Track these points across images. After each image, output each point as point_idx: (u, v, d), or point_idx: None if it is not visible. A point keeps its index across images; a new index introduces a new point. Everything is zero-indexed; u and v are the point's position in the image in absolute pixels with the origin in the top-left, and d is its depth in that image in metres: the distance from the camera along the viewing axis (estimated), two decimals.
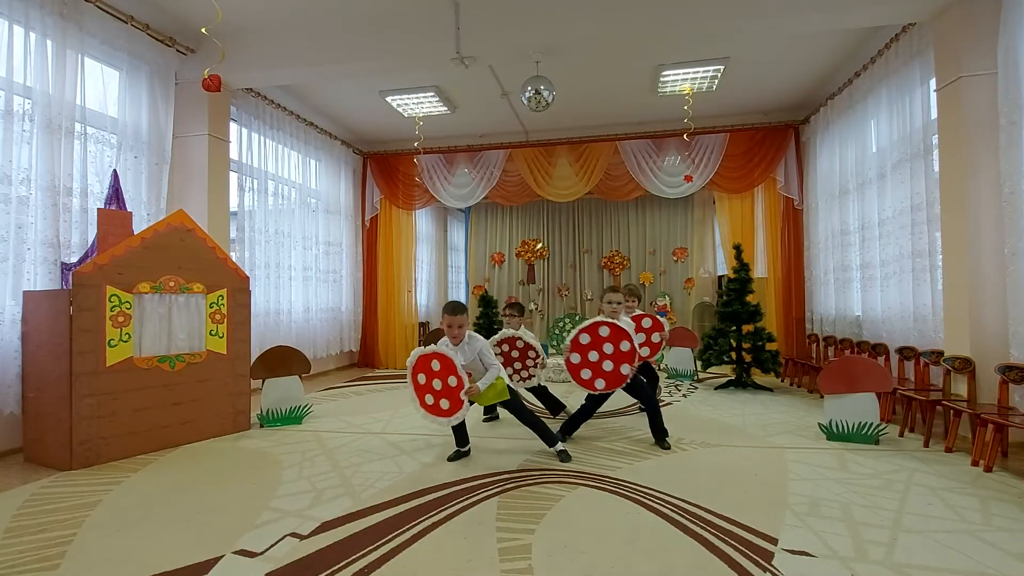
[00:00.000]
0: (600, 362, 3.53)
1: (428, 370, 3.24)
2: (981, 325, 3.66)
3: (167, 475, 3.08)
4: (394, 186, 7.87)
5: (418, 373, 3.28)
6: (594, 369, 3.55)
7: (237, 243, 5.53)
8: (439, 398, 3.23)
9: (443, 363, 3.19)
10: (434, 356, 3.21)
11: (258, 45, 4.91)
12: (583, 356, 3.55)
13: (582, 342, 3.53)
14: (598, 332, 3.52)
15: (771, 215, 6.96)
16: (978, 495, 2.68)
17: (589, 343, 3.53)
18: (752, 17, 4.19)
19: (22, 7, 3.57)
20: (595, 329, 3.53)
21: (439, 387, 3.22)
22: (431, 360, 3.23)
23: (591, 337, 3.53)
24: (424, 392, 3.28)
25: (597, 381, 3.55)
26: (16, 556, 2.12)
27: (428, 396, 3.28)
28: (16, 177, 3.52)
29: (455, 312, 3.26)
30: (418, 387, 3.30)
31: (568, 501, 2.62)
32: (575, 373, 3.57)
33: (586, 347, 3.54)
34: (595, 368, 3.54)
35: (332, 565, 2.02)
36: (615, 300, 3.66)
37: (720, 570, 1.96)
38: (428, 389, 3.26)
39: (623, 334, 3.49)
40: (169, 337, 3.69)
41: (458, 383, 3.16)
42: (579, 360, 3.55)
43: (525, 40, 4.56)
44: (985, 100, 3.64)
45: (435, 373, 3.22)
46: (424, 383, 3.27)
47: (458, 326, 3.27)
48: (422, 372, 3.27)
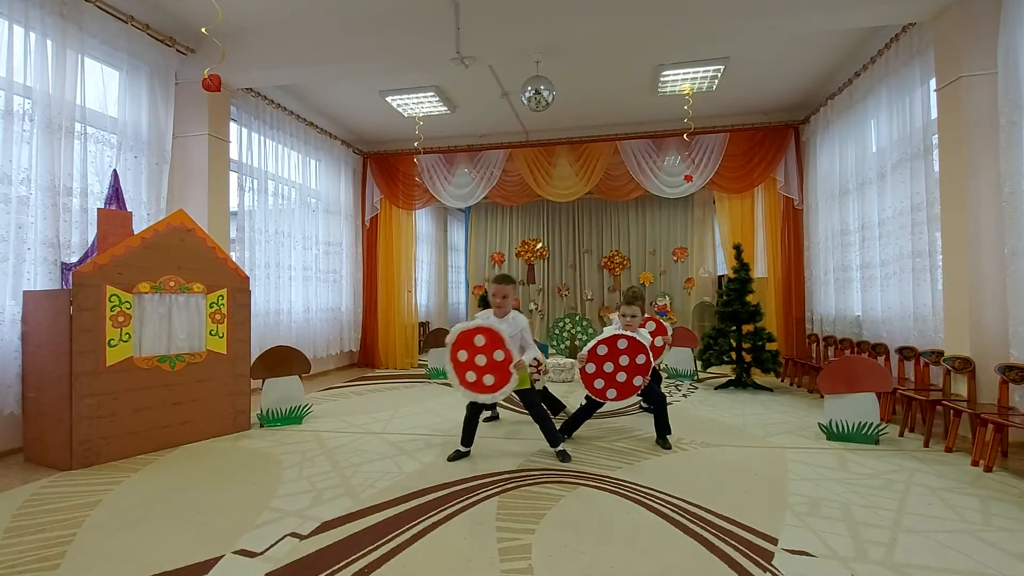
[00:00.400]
0: (614, 373, 3.51)
1: (470, 346, 3.18)
2: (981, 325, 3.66)
3: (167, 475, 3.08)
4: (394, 186, 7.87)
5: (458, 350, 3.21)
6: (607, 380, 3.53)
7: (237, 243, 5.53)
8: (483, 374, 3.17)
9: (489, 337, 3.14)
10: (478, 331, 3.16)
11: (258, 45, 4.91)
12: (598, 367, 3.52)
13: (599, 353, 3.50)
14: (616, 345, 3.49)
15: (771, 215, 6.96)
16: (978, 495, 2.68)
17: (606, 354, 3.51)
18: (752, 17, 4.19)
19: (22, 7, 3.57)
20: (614, 342, 3.50)
21: (483, 362, 3.15)
22: (474, 336, 3.17)
23: (608, 348, 3.50)
24: (464, 369, 3.20)
25: (609, 391, 3.54)
26: (16, 556, 2.12)
27: (469, 373, 3.19)
28: (16, 177, 3.52)
29: (501, 281, 3.26)
30: (458, 365, 3.23)
31: (568, 501, 2.62)
32: (588, 382, 3.54)
33: (603, 358, 3.51)
34: (608, 379, 3.53)
35: (332, 565, 2.02)
36: (630, 314, 3.64)
37: (720, 570, 1.96)
38: (469, 366, 3.19)
39: (641, 347, 3.47)
40: (169, 337, 3.69)
41: (506, 357, 3.11)
42: (594, 370, 3.52)
43: (525, 40, 4.56)
44: (985, 100, 3.64)
45: (479, 348, 3.16)
46: (465, 360, 3.19)
47: (503, 296, 3.26)
48: (463, 349, 3.20)
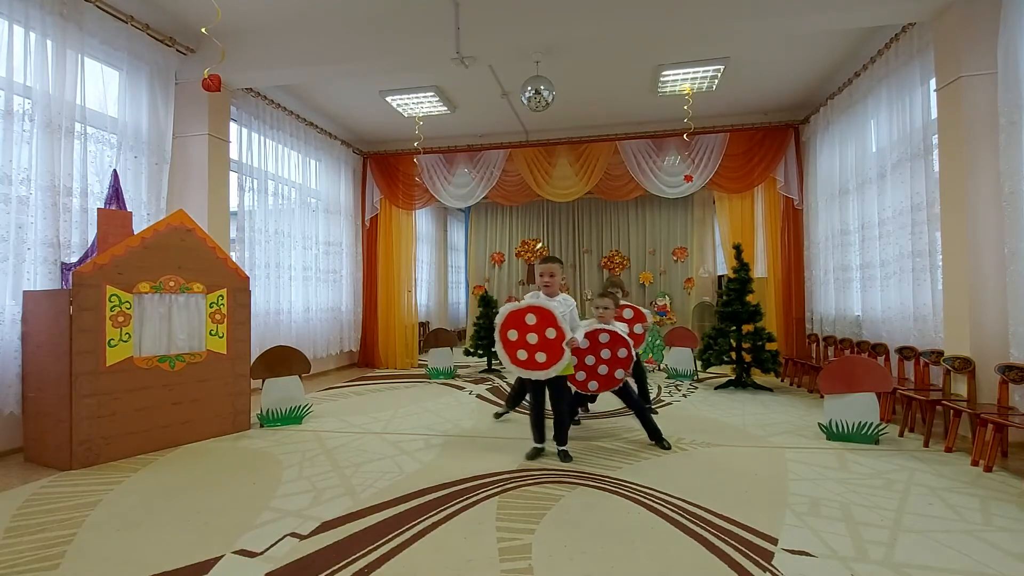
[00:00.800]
0: (596, 366, 3.60)
1: (521, 325, 3.23)
2: (981, 325, 3.66)
3: (167, 475, 3.08)
4: (394, 186, 7.87)
5: (508, 330, 3.27)
6: (589, 372, 3.62)
7: (237, 243, 5.53)
8: (534, 352, 3.22)
9: (540, 315, 3.19)
10: (529, 310, 3.21)
11: (258, 45, 4.91)
12: (580, 360, 3.60)
13: (581, 347, 3.56)
14: (598, 339, 3.58)
15: (771, 215, 6.96)
16: (978, 495, 2.68)
17: (587, 348, 3.59)
18: (752, 17, 4.19)
19: (22, 7, 3.57)
20: (595, 336, 3.58)
21: (534, 340, 3.21)
22: (525, 315, 3.22)
23: (590, 342, 3.58)
24: (516, 348, 3.27)
25: (591, 383, 3.63)
26: (16, 556, 2.12)
27: (520, 352, 3.26)
28: (16, 177, 3.52)
29: (548, 261, 3.38)
30: (508, 344, 3.28)
31: (568, 501, 2.62)
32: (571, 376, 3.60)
33: (584, 352, 3.59)
34: (590, 371, 3.61)
35: (332, 565, 2.02)
36: (602, 306, 3.73)
37: (720, 570, 1.96)
38: (521, 344, 3.25)
39: (622, 342, 3.55)
40: (169, 337, 3.69)
41: (558, 334, 3.16)
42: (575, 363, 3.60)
43: (525, 40, 4.56)
44: (985, 100, 3.64)
45: (530, 327, 3.22)
46: (516, 339, 3.25)
47: (550, 275, 3.36)
48: (513, 328, 3.26)
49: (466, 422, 4.35)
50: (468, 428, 4.15)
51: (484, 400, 5.27)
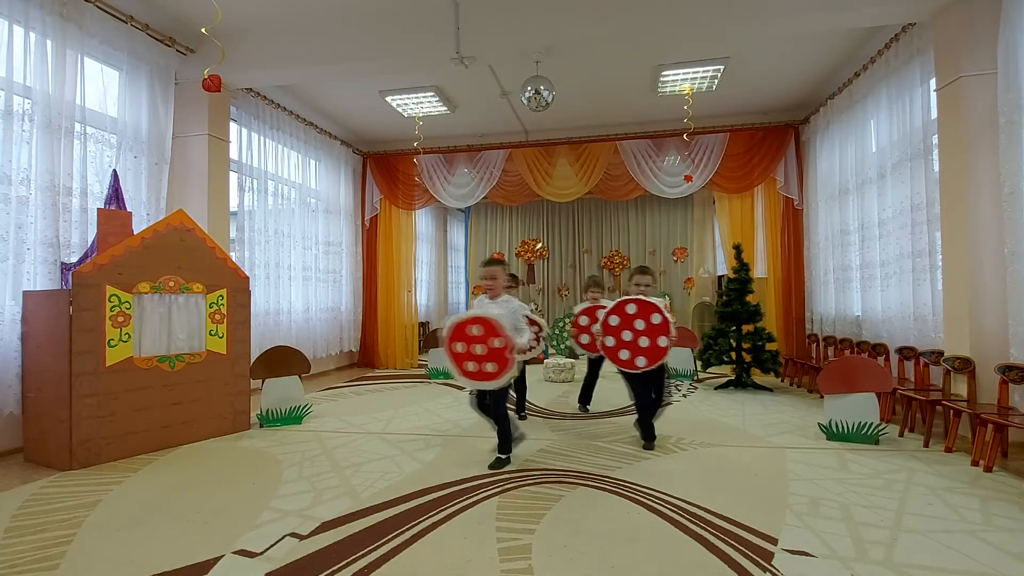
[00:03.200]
0: (635, 339, 3.49)
1: (466, 337, 3.15)
2: (981, 325, 3.66)
3: (167, 475, 3.08)
4: (394, 186, 7.87)
5: (454, 342, 3.20)
6: (632, 348, 3.49)
7: (237, 243, 5.53)
8: (483, 362, 3.15)
9: (484, 326, 3.12)
10: (473, 321, 3.14)
11: (258, 45, 4.91)
12: (617, 337, 3.50)
13: (612, 324, 3.48)
14: (625, 311, 3.48)
15: (771, 215, 6.96)
16: (978, 495, 2.68)
17: (619, 324, 3.49)
18: (752, 17, 4.19)
19: (22, 7, 3.57)
20: (622, 309, 3.48)
21: (481, 351, 3.14)
22: (468, 326, 3.15)
23: (620, 318, 3.49)
24: (464, 360, 3.18)
25: (638, 359, 3.48)
26: (16, 556, 2.12)
27: (469, 363, 3.17)
28: (16, 177, 3.52)
29: (488, 264, 3.36)
30: (456, 356, 3.21)
31: (568, 501, 2.62)
32: (613, 356, 3.52)
33: (617, 328, 3.50)
34: (632, 347, 3.49)
35: (332, 565, 2.02)
36: (643, 283, 3.65)
37: (720, 570, 1.96)
38: (468, 356, 3.16)
39: (651, 307, 3.44)
40: (169, 337, 3.69)
41: (506, 344, 3.09)
42: (614, 343, 3.51)
43: (525, 40, 4.56)
44: (985, 100, 3.64)
45: (475, 338, 3.13)
46: (463, 351, 3.17)
47: (491, 277, 3.33)
48: (459, 341, 3.18)
49: (466, 422, 4.35)
50: (468, 428, 4.16)
51: None
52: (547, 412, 4.69)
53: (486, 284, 3.35)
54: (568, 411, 4.72)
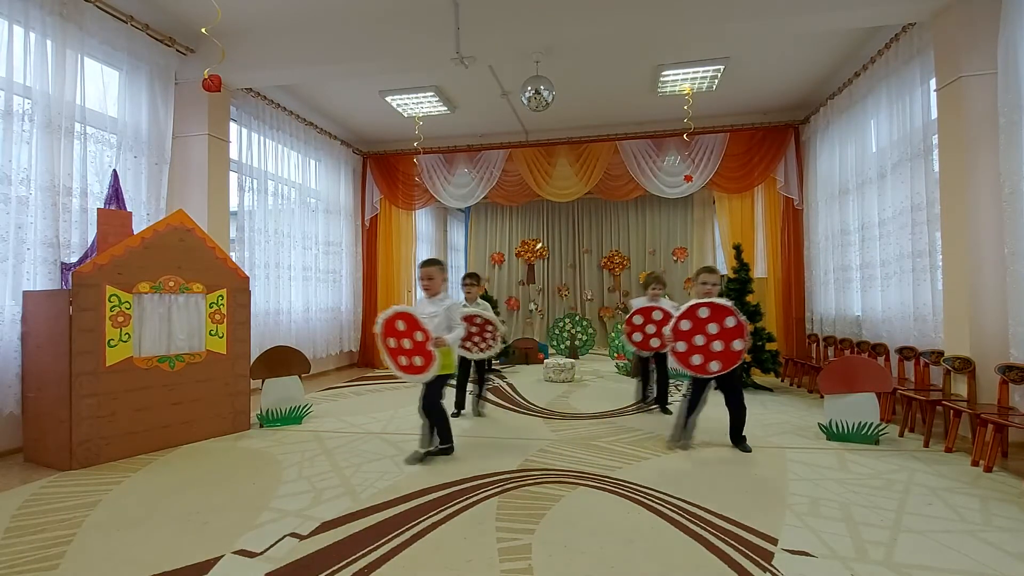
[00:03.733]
0: (708, 344, 3.39)
1: (395, 332, 3.25)
2: (981, 325, 3.66)
3: (167, 475, 3.08)
4: (394, 186, 7.87)
5: (387, 338, 3.28)
6: (704, 353, 3.41)
7: (237, 243, 5.53)
8: (412, 356, 3.24)
9: (407, 321, 3.21)
10: (397, 316, 3.24)
11: (258, 45, 4.91)
12: (689, 342, 3.43)
13: (683, 329, 3.42)
14: (697, 315, 3.40)
15: (771, 215, 6.96)
16: (978, 495, 2.68)
17: (691, 328, 3.42)
18: (752, 17, 4.19)
19: (22, 7, 3.57)
20: (694, 313, 3.41)
21: (409, 345, 3.22)
22: (395, 321, 3.24)
23: (692, 322, 3.41)
24: (397, 355, 3.28)
25: (711, 364, 3.39)
26: (16, 556, 2.12)
27: (402, 358, 3.27)
28: (16, 177, 3.52)
29: (425, 265, 3.44)
30: (392, 352, 3.30)
31: (568, 501, 2.62)
32: (684, 361, 3.44)
33: (689, 333, 3.42)
34: (704, 351, 3.40)
35: (332, 565, 2.02)
36: (709, 281, 3.56)
37: (720, 570, 1.96)
38: (400, 351, 3.26)
39: (725, 311, 3.35)
40: (169, 337, 3.69)
41: (425, 336, 3.17)
42: (685, 348, 3.43)
43: (525, 40, 4.56)
44: (985, 100, 3.64)
45: (402, 333, 3.22)
46: (396, 346, 3.27)
47: (428, 278, 3.41)
48: (391, 336, 3.27)
49: (466, 422, 4.35)
50: (468, 428, 4.16)
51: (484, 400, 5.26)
52: (547, 412, 4.69)
53: (424, 284, 3.43)
54: (568, 411, 4.72)
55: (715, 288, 3.55)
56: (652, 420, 4.35)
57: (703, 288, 3.55)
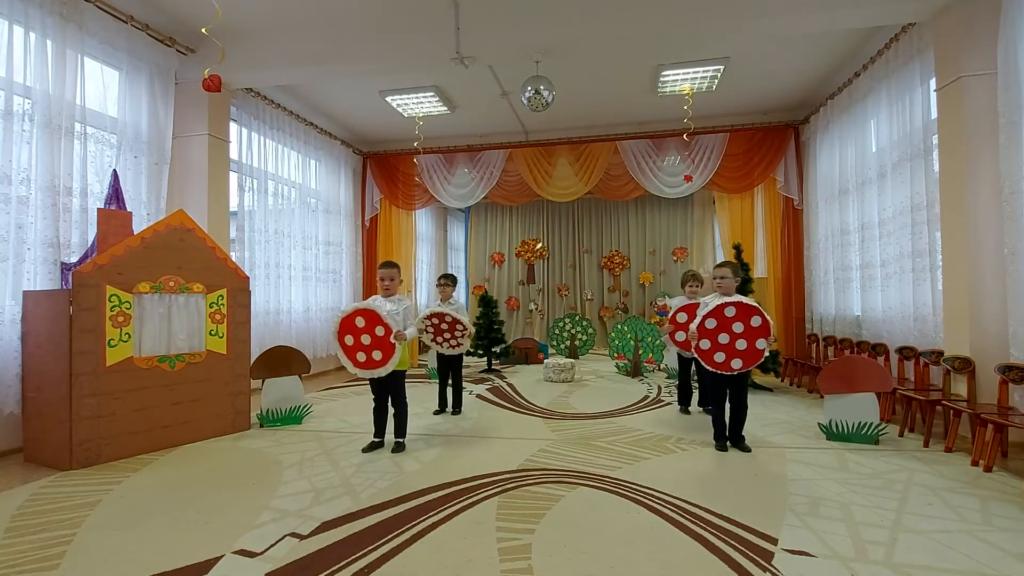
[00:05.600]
0: (732, 342, 3.41)
1: (354, 329, 3.37)
2: (981, 325, 3.66)
3: (167, 475, 3.08)
4: (394, 186, 7.87)
5: (345, 335, 3.38)
6: (728, 350, 3.42)
7: (237, 243, 5.53)
8: (371, 351, 3.37)
9: (367, 317, 3.35)
10: (357, 314, 3.37)
11: (258, 45, 4.91)
12: (713, 340, 3.45)
13: (708, 327, 3.43)
14: (723, 314, 3.41)
15: (771, 215, 6.96)
16: (978, 495, 2.68)
17: (716, 327, 3.43)
18: (752, 17, 4.19)
19: (22, 7, 3.57)
20: (720, 312, 3.42)
21: (368, 341, 3.36)
22: (355, 318, 3.36)
23: (718, 320, 3.42)
24: (355, 352, 3.39)
25: (733, 361, 3.42)
26: (16, 556, 2.12)
27: (360, 354, 3.39)
28: (16, 177, 3.52)
29: (385, 267, 3.65)
30: (348, 349, 3.39)
31: (568, 501, 2.62)
32: (708, 359, 3.46)
33: (714, 331, 3.44)
34: (728, 349, 3.42)
35: (332, 565, 2.02)
36: (720, 275, 3.56)
37: (720, 570, 1.96)
38: (358, 347, 3.39)
39: (751, 310, 3.37)
40: (169, 337, 3.69)
41: (386, 331, 3.34)
42: (709, 345, 3.45)
43: (525, 40, 4.56)
44: (985, 100, 3.64)
45: (361, 329, 3.36)
46: (353, 343, 3.39)
47: (389, 279, 3.61)
48: (348, 334, 3.38)
49: (466, 422, 4.35)
50: (468, 428, 4.16)
51: (484, 400, 5.27)
52: (547, 412, 4.69)
53: (385, 284, 3.61)
54: (568, 411, 4.72)
55: (726, 282, 3.56)
56: (652, 420, 4.36)
57: (717, 284, 3.57)
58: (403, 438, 3.61)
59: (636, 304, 10.47)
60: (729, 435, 3.55)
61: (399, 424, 3.62)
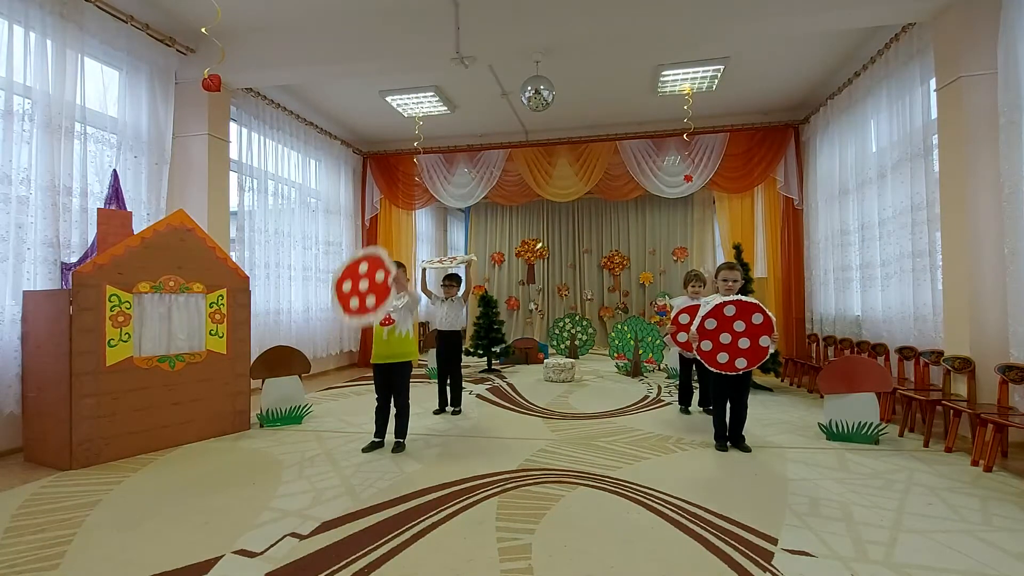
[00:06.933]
0: (735, 341, 3.37)
1: (355, 274, 3.31)
2: (981, 325, 3.66)
3: (167, 475, 3.08)
4: (394, 186, 7.87)
5: (343, 281, 3.33)
6: (731, 350, 3.38)
7: (237, 243, 5.53)
8: (365, 296, 3.26)
9: (371, 262, 3.29)
10: (362, 260, 3.32)
11: (258, 45, 4.91)
12: (715, 341, 3.40)
13: (708, 328, 3.40)
14: (723, 313, 3.38)
15: (771, 215, 6.96)
16: (978, 495, 2.68)
17: (717, 327, 3.39)
18: (752, 17, 4.19)
19: (22, 7, 3.57)
20: (719, 312, 3.39)
21: (365, 287, 3.26)
22: (358, 265, 3.31)
23: (718, 320, 3.39)
24: (349, 298, 3.30)
25: (737, 361, 3.38)
26: (16, 556, 2.12)
27: (353, 300, 3.29)
28: (16, 177, 3.52)
29: None
30: (343, 296, 3.32)
31: (568, 501, 2.62)
32: (711, 360, 3.42)
33: (715, 331, 3.40)
34: (731, 349, 3.38)
35: (332, 565, 2.02)
36: (730, 278, 3.53)
37: (720, 570, 1.96)
38: (354, 293, 3.29)
39: (752, 307, 3.34)
40: (169, 337, 3.69)
41: (386, 275, 3.23)
42: (711, 347, 3.41)
43: (525, 40, 4.56)
44: (985, 100, 3.64)
45: (362, 275, 3.28)
46: (350, 289, 3.31)
47: None
48: (348, 279, 3.32)
49: (466, 422, 4.35)
50: (468, 428, 4.16)
51: (484, 400, 5.27)
52: (547, 412, 4.69)
53: None
54: (568, 411, 4.72)
55: (736, 285, 3.54)
56: (652, 420, 4.36)
57: (724, 286, 3.54)
58: (403, 438, 3.60)
59: (636, 304, 10.47)
60: (729, 435, 3.55)
61: (400, 424, 3.62)
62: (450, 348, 4.70)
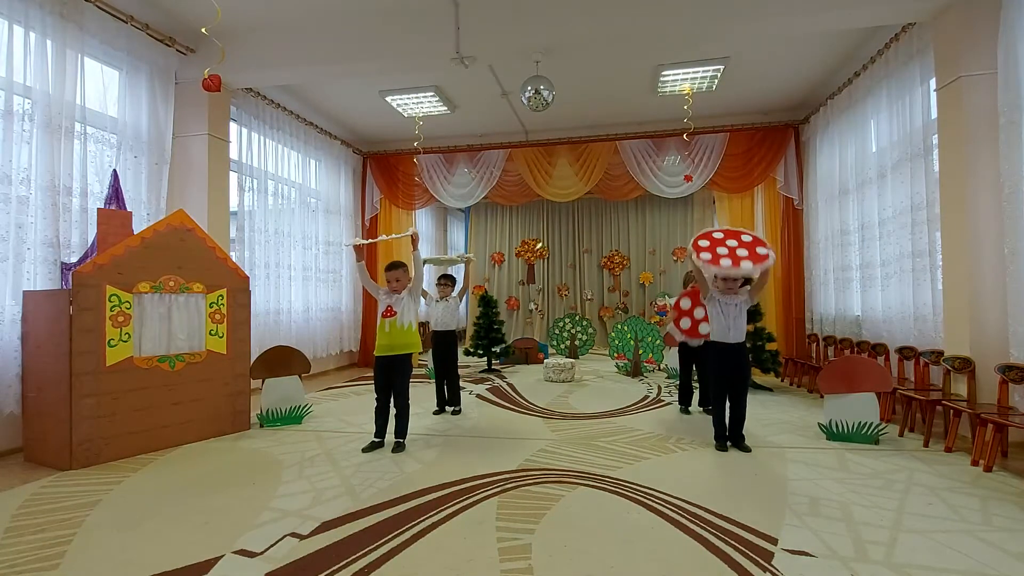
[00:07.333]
0: (732, 253, 3.33)
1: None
2: (981, 325, 3.66)
3: (167, 475, 3.08)
4: (394, 186, 7.87)
5: None
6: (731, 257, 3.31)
7: (237, 243, 5.53)
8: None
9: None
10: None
11: (258, 45, 4.91)
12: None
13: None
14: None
15: (771, 215, 6.96)
16: (978, 495, 2.68)
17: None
18: (752, 17, 4.19)
19: (22, 7, 3.57)
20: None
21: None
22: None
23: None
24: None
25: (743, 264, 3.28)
26: (16, 556, 2.12)
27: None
28: (16, 177, 3.52)
29: (390, 268, 3.74)
30: None
31: (568, 501, 2.62)
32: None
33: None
34: (731, 256, 3.31)
35: (332, 565, 2.02)
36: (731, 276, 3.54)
37: (720, 570, 1.96)
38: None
39: (734, 233, 3.45)
40: (169, 337, 3.69)
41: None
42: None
43: (525, 40, 4.56)
44: (985, 100, 3.64)
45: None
46: None
47: (396, 279, 3.70)
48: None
49: (466, 422, 4.35)
50: (468, 428, 4.16)
51: (484, 400, 5.27)
52: (547, 412, 4.69)
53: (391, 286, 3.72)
54: (568, 411, 4.72)
55: (736, 284, 3.54)
56: (652, 420, 4.36)
57: (725, 285, 3.54)
58: (403, 438, 3.60)
59: (636, 304, 10.47)
60: (729, 435, 3.55)
61: (400, 424, 3.62)
62: (444, 348, 4.69)
